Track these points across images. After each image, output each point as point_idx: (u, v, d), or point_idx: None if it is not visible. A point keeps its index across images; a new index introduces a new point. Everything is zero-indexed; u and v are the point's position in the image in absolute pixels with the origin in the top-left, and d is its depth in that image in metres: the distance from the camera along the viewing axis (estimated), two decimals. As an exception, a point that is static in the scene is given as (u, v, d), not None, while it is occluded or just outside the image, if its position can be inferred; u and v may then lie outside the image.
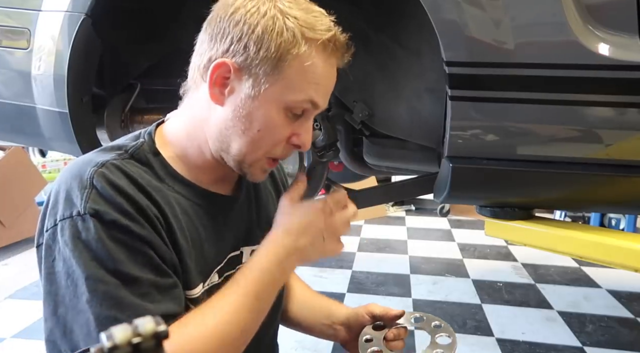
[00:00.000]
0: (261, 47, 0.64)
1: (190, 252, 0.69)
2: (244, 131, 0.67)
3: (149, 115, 1.63)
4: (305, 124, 0.70)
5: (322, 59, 0.67)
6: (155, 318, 0.40)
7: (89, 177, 0.62)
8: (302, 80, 0.66)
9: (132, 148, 0.70)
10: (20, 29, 1.38)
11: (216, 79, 0.67)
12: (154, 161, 0.70)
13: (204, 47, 0.68)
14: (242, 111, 0.67)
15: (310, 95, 0.67)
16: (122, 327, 0.38)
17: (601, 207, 1.70)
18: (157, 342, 0.39)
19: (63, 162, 4.34)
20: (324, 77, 0.68)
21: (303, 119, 0.70)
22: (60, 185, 0.63)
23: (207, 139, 0.71)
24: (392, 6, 1.33)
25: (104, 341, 0.37)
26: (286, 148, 0.71)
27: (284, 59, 0.64)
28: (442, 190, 1.19)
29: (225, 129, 0.69)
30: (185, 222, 0.69)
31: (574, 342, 2.04)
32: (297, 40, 0.64)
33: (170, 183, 0.70)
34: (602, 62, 1.00)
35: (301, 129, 0.70)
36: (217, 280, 0.75)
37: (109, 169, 0.63)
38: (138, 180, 0.65)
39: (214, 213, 0.75)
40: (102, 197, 0.60)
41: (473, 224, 3.89)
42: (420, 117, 1.42)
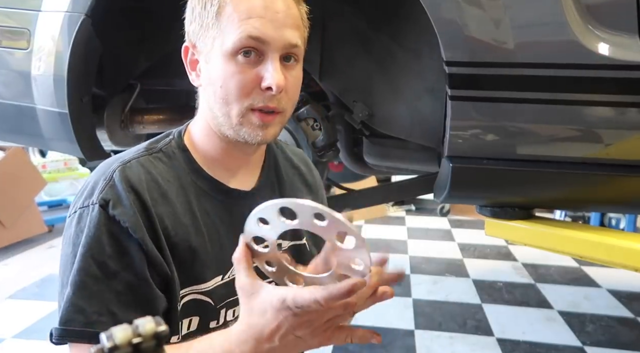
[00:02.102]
0: (197, 16, 0.69)
1: (206, 247, 0.72)
2: (214, 94, 0.69)
3: (149, 115, 1.63)
4: (267, 65, 0.67)
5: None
6: (156, 319, 0.40)
7: (111, 171, 0.68)
8: (233, 22, 0.66)
9: (162, 144, 0.75)
10: (20, 29, 1.38)
11: (189, 64, 0.73)
12: (180, 156, 0.75)
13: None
14: (206, 79, 0.70)
15: (246, 30, 0.65)
16: (122, 327, 0.38)
17: (601, 207, 1.70)
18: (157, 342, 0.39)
19: (63, 162, 4.33)
20: (258, 7, 0.66)
21: (264, 61, 0.67)
22: (91, 177, 0.70)
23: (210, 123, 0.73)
24: (392, 6, 1.33)
25: (104, 341, 0.37)
26: (260, 94, 0.68)
27: (219, 17, 0.66)
28: (442, 190, 1.19)
29: (208, 104, 0.72)
30: (202, 217, 0.73)
31: (574, 341, 2.04)
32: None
33: (194, 178, 0.74)
34: (602, 62, 1.00)
35: (264, 71, 0.67)
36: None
37: (132, 166, 0.69)
38: (158, 179, 0.70)
39: (234, 208, 0.76)
40: (114, 191, 0.66)
41: (473, 224, 3.89)
42: (420, 117, 1.42)
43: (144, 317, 0.39)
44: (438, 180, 1.24)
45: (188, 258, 0.71)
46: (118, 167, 0.68)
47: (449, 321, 2.22)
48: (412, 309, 2.33)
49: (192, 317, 0.72)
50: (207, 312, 0.73)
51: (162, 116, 1.65)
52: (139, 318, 0.39)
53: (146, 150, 0.73)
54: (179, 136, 0.77)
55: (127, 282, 0.64)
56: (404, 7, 1.29)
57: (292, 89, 0.71)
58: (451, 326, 2.17)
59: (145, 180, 0.68)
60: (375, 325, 2.13)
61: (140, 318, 0.39)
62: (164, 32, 1.46)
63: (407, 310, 2.33)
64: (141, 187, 0.67)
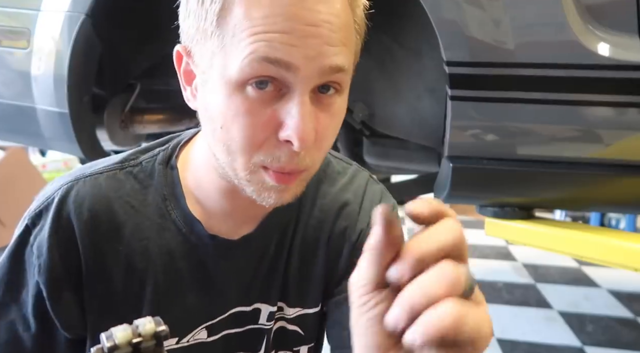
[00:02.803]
0: (192, 12, 0.47)
1: (158, 301, 0.57)
2: (212, 134, 0.49)
3: (149, 115, 1.63)
4: (290, 104, 0.44)
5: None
6: (155, 319, 0.40)
7: (56, 189, 0.56)
8: (243, 34, 0.43)
9: (148, 155, 0.59)
10: (20, 29, 1.38)
11: (183, 75, 0.53)
12: (162, 175, 0.58)
13: None
14: (203, 109, 0.50)
15: (258, 50, 0.42)
16: (122, 327, 0.38)
17: (601, 207, 1.70)
18: (157, 342, 0.39)
19: (63, 162, 4.33)
20: (284, 11, 0.42)
21: (288, 96, 0.45)
22: (48, 185, 0.60)
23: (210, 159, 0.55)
24: (392, 6, 1.33)
25: (103, 341, 0.37)
26: (276, 147, 0.46)
27: (222, 23, 0.44)
28: (443, 189, 1.19)
29: (206, 140, 0.53)
30: (162, 261, 0.57)
31: (574, 342, 2.04)
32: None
33: (170, 207, 0.57)
34: (602, 62, 1.00)
35: (284, 113, 0.45)
36: (204, 338, 0.60)
37: (82, 189, 0.55)
38: (113, 206, 0.55)
39: (212, 257, 0.58)
40: (44, 215, 0.55)
41: (473, 224, 3.89)
42: (420, 116, 1.42)
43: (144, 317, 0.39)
44: (438, 180, 1.24)
45: (130, 310, 0.56)
46: (65, 186, 0.55)
47: (449, 321, 2.22)
48: (412, 309, 2.33)
49: None
50: None
51: (162, 116, 1.65)
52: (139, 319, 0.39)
53: (120, 163, 0.58)
54: (174, 148, 0.60)
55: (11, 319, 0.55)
56: (404, 7, 1.29)
57: (325, 136, 0.48)
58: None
59: (91, 207, 0.54)
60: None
61: (140, 318, 0.39)
62: (164, 32, 1.46)
63: (407, 310, 2.33)
64: (81, 217, 0.54)
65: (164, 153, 0.59)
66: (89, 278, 0.55)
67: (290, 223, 0.63)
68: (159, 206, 0.57)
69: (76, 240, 0.54)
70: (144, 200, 0.57)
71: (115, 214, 0.55)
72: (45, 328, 0.55)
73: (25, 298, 0.55)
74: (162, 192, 0.57)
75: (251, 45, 0.43)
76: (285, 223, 0.62)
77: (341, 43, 0.45)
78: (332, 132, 0.49)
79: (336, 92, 0.48)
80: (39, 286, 0.54)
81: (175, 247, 0.57)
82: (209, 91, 0.48)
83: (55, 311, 0.54)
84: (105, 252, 0.55)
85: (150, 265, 0.56)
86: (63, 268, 0.54)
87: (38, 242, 0.54)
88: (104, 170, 0.57)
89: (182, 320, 0.58)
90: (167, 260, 0.57)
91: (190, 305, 0.59)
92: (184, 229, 0.57)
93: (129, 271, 0.56)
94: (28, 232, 0.56)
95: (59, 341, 0.56)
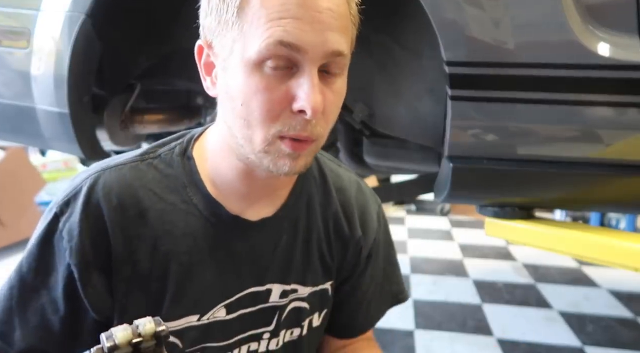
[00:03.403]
0: (214, 8, 0.55)
1: (183, 280, 0.62)
2: (233, 112, 0.56)
3: (149, 115, 1.63)
4: (301, 80, 0.53)
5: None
6: (155, 319, 0.40)
7: (84, 179, 0.60)
8: (260, 22, 0.52)
9: (165, 149, 0.65)
10: (20, 29, 1.38)
11: (203, 67, 0.60)
12: (180, 165, 0.63)
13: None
14: (224, 92, 0.57)
15: (276, 34, 0.51)
16: (122, 327, 0.38)
17: (601, 207, 1.70)
18: (157, 342, 0.39)
19: (63, 162, 4.33)
20: (293, 3, 0.51)
21: (298, 74, 0.53)
22: (74, 177, 0.64)
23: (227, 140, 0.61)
24: (392, 6, 1.33)
25: (103, 341, 0.37)
26: (291, 117, 0.54)
27: (241, 14, 0.53)
28: (443, 189, 1.19)
29: (225, 119, 0.59)
30: (186, 244, 0.62)
31: (574, 342, 2.04)
32: None
33: (192, 193, 0.63)
34: (602, 62, 1.00)
35: (297, 88, 0.53)
36: (223, 316, 0.65)
37: (108, 177, 0.60)
38: (138, 193, 0.60)
39: (231, 238, 0.64)
40: (73, 203, 0.59)
41: (473, 224, 3.89)
42: (420, 116, 1.42)
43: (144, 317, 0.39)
44: (438, 180, 1.24)
45: (155, 291, 0.61)
46: (92, 176, 0.60)
47: (449, 321, 2.22)
48: (412, 309, 2.33)
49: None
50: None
51: (162, 116, 1.65)
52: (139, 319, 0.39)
53: (140, 155, 0.63)
54: (189, 141, 0.66)
55: (40, 303, 0.59)
56: (404, 7, 1.29)
57: (331, 109, 0.57)
58: (451, 326, 2.17)
59: (119, 194, 0.59)
60: (375, 326, 2.13)
61: (140, 318, 0.39)
62: (164, 32, 1.46)
63: (407, 310, 2.32)
64: (110, 203, 0.58)
65: (180, 146, 0.65)
66: (118, 260, 0.59)
67: (301, 214, 0.70)
68: (179, 193, 0.62)
69: (105, 224, 0.58)
70: (165, 188, 0.62)
71: (140, 200, 0.60)
72: (73, 311, 0.59)
73: (55, 282, 0.59)
74: (182, 180, 0.63)
75: (268, 31, 0.51)
76: (297, 214, 0.70)
77: (342, 29, 0.54)
78: (335, 107, 0.58)
79: (337, 73, 0.57)
80: (70, 269, 0.58)
81: (197, 229, 0.62)
82: (229, 76, 0.55)
83: (85, 293, 0.58)
84: (132, 236, 0.59)
85: (174, 247, 0.61)
86: (93, 251, 0.58)
87: (68, 227, 0.58)
88: (126, 162, 0.62)
89: (203, 298, 0.63)
90: (190, 241, 0.62)
91: (210, 283, 0.63)
92: (205, 212, 0.63)
93: (154, 253, 0.60)
94: (56, 220, 0.59)
95: (87, 323, 0.60)
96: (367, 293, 0.80)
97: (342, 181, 0.76)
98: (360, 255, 0.76)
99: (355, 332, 0.83)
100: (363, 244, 0.76)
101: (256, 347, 0.70)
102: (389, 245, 0.83)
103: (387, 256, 0.82)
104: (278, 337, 0.71)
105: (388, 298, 0.84)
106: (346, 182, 0.76)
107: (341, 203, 0.74)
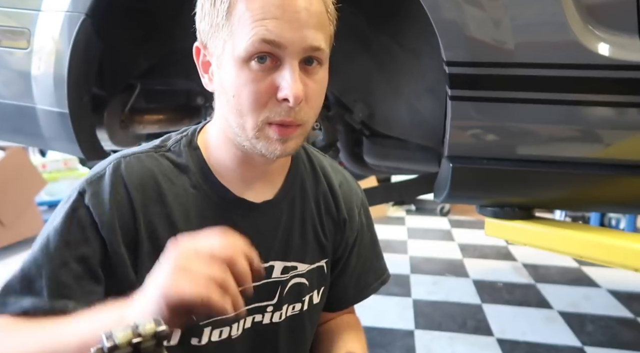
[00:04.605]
0: (207, 14, 0.63)
1: None
2: (227, 104, 0.63)
3: (149, 115, 1.63)
4: (284, 72, 0.60)
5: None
6: (156, 319, 0.40)
7: (107, 163, 0.67)
8: (245, 23, 0.59)
9: (172, 141, 0.71)
10: (20, 29, 1.38)
11: (201, 66, 0.68)
12: (189, 155, 0.70)
13: None
14: (218, 86, 0.65)
15: (259, 33, 0.58)
16: (122, 327, 0.38)
17: (601, 207, 1.70)
18: (157, 342, 0.39)
19: (63, 162, 4.33)
20: (274, 5, 0.58)
21: (281, 67, 0.60)
22: (95, 166, 0.69)
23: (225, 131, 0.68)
24: (392, 6, 1.33)
25: (104, 341, 0.37)
26: (276, 105, 0.61)
27: (229, 17, 0.60)
28: (443, 190, 1.19)
29: (222, 111, 0.67)
30: (200, 225, 0.66)
31: (574, 342, 2.04)
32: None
33: (200, 180, 0.69)
34: (602, 62, 1.00)
35: (280, 79, 0.60)
36: None
37: (130, 161, 0.67)
38: (157, 177, 0.67)
39: (237, 219, 0.70)
40: (100, 182, 0.64)
41: (473, 224, 3.89)
42: (420, 117, 1.42)
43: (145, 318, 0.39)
44: (438, 180, 1.24)
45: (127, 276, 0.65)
46: (113, 161, 0.66)
47: (449, 321, 2.22)
48: (412, 309, 2.33)
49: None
50: (189, 327, 0.68)
51: (162, 116, 1.65)
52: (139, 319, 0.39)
53: (154, 147, 0.70)
54: (193, 133, 0.73)
55: (75, 273, 0.62)
56: (404, 7, 1.29)
57: (313, 97, 0.64)
58: (451, 326, 2.17)
59: (141, 176, 0.66)
60: (375, 325, 2.13)
61: (140, 319, 0.39)
62: (164, 32, 1.46)
63: (407, 310, 2.32)
64: (133, 184, 0.65)
65: (186, 138, 0.72)
66: (141, 236, 0.65)
67: (296, 196, 0.77)
68: (190, 179, 0.69)
69: (132, 201, 0.64)
70: (177, 175, 0.69)
71: (159, 183, 0.67)
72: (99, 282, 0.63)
73: (84, 254, 0.62)
74: (191, 168, 0.69)
75: (252, 30, 0.58)
76: (293, 196, 0.77)
77: (318, 26, 0.61)
78: (318, 94, 0.65)
79: (318, 64, 0.63)
80: (100, 241, 0.62)
81: (207, 211, 0.69)
82: (223, 71, 0.63)
83: (116, 264, 0.63)
84: (153, 213, 0.66)
85: (189, 227, 0.66)
86: (122, 226, 0.63)
87: (97, 202, 0.63)
88: (142, 152, 0.69)
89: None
90: (201, 222, 0.67)
91: None
92: (214, 196, 0.70)
93: (172, 232, 0.65)
94: (81, 197, 0.64)
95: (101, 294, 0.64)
96: (356, 269, 0.88)
97: (326, 167, 0.85)
98: (345, 235, 0.84)
99: (344, 306, 0.90)
100: (349, 226, 0.84)
101: (260, 318, 0.75)
102: (371, 227, 0.91)
103: (371, 236, 0.91)
104: (281, 311, 0.76)
105: (372, 273, 0.91)
106: (329, 168, 0.85)
107: (328, 185, 0.82)
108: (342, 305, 0.90)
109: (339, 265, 0.86)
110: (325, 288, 0.83)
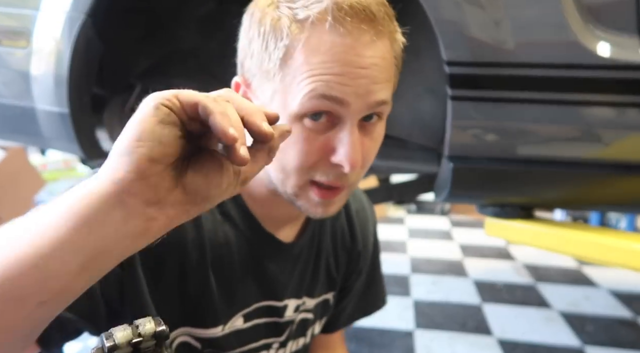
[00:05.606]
0: (255, 53, 0.55)
1: (218, 288, 0.63)
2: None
3: (149, 115, 1.63)
4: (342, 134, 0.52)
5: (320, 39, 0.50)
6: (155, 319, 0.40)
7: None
8: (302, 75, 0.51)
9: None
10: (20, 29, 1.38)
11: None
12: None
13: None
14: None
15: (319, 89, 0.50)
16: (122, 327, 0.38)
17: (601, 206, 1.70)
18: (157, 342, 0.39)
19: (63, 162, 4.33)
20: (338, 59, 0.50)
21: (339, 127, 0.53)
22: None
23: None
24: (391, 6, 1.33)
25: (103, 341, 0.37)
26: (327, 167, 0.54)
27: (284, 67, 0.52)
28: (443, 189, 1.20)
29: None
30: (226, 256, 0.63)
31: (574, 342, 2.04)
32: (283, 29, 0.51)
33: (230, 206, 0.64)
34: (602, 62, 1.00)
35: (337, 141, 0.52)
36: (240, 325, 0.67)
37: None
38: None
39: (264, 256, 0.66)
40: None
41: (473, 224, 3.89)
42: (420, 116, 1.42)
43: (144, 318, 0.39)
44: (439, 180, 1.24)
45: (195, 295, 0.61)
46: None
47: (449, 321, 2.22)
48: (412, 309, 2.33)
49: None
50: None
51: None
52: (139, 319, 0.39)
53: None
54: None
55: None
56: (404, 7, 1.29)
57: (368, 156, 0.57)
58: (451, 326, 2.17)
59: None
60: (375, 326, 2.13)
61: (140, 318, 0.39)
62: (165, 32, 1.46)
63: (407, 310, 2.32)
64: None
65: None
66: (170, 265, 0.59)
67: (316, 232, 0.73)
68: (218, 205, 0.63)
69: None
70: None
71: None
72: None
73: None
74: (226, 201, 0.61)
75: (310, 85, 0.50)
76: (312, 232, 0.73)
77: (385, 80, 0.53)
78: (373, 152, 0.58)
79: (378, 118, 0.56)
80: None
81: (232, 240, 0.63)
82: None
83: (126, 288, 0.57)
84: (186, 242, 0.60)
85: (214, 256, 0.62)
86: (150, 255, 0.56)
87: None
88: None
89: (230, 307, 0.64)
90: (226, 251, 0.63)
91: (237, 293, 0.65)
92: (242, 226, 0.64)
93: (201, 260, 0.61)
94: None
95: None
96: (353, 296, 0.86)
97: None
98: (358, 266, 0.81)
99: (334, 329, 0.88)
100: (363, 256, 0.81)
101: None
102: (378, 256, 0.89)
103: (377, 265, 0.89)
104: (285, 347, 0.74)
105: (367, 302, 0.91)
106: (350, 197, 0.79)
107: (346, 215, 0.78)
108: (331, 329, 0.88)
109: (343, 292, 0.84)
110: (326, 318, 0.81)
